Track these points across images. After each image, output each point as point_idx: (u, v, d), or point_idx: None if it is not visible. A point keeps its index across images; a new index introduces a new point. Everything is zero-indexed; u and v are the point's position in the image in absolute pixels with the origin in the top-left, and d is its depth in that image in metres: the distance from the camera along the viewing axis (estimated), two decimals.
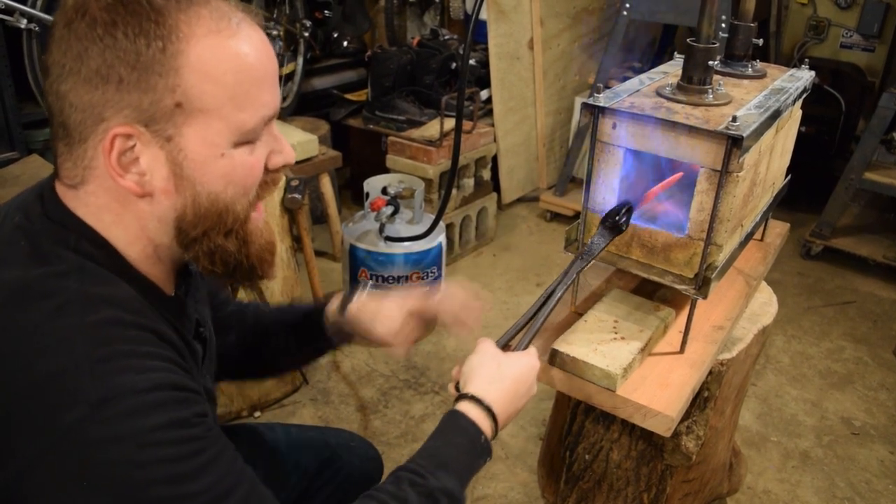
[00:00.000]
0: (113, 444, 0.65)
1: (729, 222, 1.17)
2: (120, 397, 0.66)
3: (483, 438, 0.94)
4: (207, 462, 0.70)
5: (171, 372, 0.72)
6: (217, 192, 0.77)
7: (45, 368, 0.66)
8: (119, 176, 0.73)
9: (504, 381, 0.99)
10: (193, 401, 0.72)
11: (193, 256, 0.81)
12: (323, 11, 3.79)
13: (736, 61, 1.45)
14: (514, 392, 0.99)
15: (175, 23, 0.71)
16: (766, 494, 2.05)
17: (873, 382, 2.57)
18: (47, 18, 2.28)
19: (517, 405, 1.00)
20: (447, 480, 0.87)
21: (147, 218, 0.77)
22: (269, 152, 0.81)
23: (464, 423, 0.94)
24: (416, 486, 0.85)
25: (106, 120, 0.72)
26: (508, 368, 1.00)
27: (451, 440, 0.92)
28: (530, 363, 1.03)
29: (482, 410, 0.95)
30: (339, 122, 3.63)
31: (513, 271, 3.24)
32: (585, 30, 3.91)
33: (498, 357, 1.01)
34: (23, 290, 0.70)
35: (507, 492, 2.01)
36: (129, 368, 0.68)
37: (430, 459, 0.89)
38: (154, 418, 0.67)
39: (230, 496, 0.71)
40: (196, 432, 0.70)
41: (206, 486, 0.69)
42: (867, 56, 3.93)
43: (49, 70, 0.73)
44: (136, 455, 0.65)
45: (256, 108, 0.76)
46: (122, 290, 0.74)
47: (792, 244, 3.45)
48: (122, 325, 0.71)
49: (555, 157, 3.97)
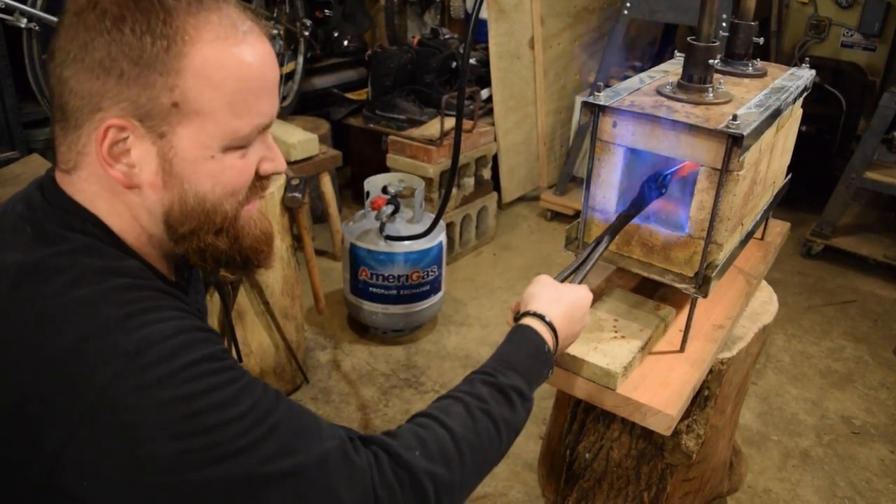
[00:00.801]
0: (155, 386, 0.67)
1: (729, 221, 1.17)
2: (152, 345, 0.69)
3: (547, 348, 1.01)
4: (244, 386, 0.73)
5: (190, 318, 0.75)
6: (205, 192, 0.78)
7: (71, 336, 0.68)
8: (108, 165, 0.75)
9: (563, 303, 1.06)
10: (216, 340, 0.76)
11: (184, 252, 0.82)
12: (323, 10, 3.79)
13: (736, 60, 1.45)
14: (570, 315, 1.06)
15: (182, 25, 0.72)
16: (766, 493, 2.05)
17: (874, 381, 2.57)
18: (47, 18, 2.28)
19: (574, 329, 1.08)
20: (517, 379, 0.94)
21: (137, 208, 0.78)
22: (261, 159, 0.82)
23: (529, 334, 1.01)
24: (488, 385, 0.92)
25: (103, 110, 0.73)
26: (566, 294, 1.08)
27: (518, 346, 0.99)
28: (584, 293, 1.11)
29: (544, 325, 1.02)
30: (340, 121, 3.63)
31: (513, 270, 3.23)
32: (586, 29, 3.91)
33: (556, 284, 1.09)
34: (33, 269, 0.72)
35: (507, 490, 2.01)
36: (153, 321, 0.71)
37: (499, 362, 0.96)
38: (187, 356, 0.70)
39: (275, 409, 0.74)
40: (227, 363, 0.74)
41: (250, 406, 0.72)
42: (868, 55, 3.93)
43: (54, 54, 0.74)
44: (180, 390, 0.68)
45: (253, 116, 0.77)
46: (130, 262, 0.77)
47: (792, 243, 3.45)
48: (136, 288, 0.74)
49: (555, 157, 3.97)
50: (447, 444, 0.85)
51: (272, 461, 0.71)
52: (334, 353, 2.61)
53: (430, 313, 2.70)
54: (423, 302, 2.62)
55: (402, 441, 0.83)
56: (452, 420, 0.87)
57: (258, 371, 2.21)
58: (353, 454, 0.78)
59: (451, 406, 0.88)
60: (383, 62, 3.44)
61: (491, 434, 0.89)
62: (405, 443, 0.83)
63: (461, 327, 2.79)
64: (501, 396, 0.92)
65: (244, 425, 0.70)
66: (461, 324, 2.81)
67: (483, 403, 0.89)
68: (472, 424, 0.88)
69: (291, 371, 2.35)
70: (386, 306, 2.58)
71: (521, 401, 0.94)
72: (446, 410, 0.88)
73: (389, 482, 0.79)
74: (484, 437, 0.88)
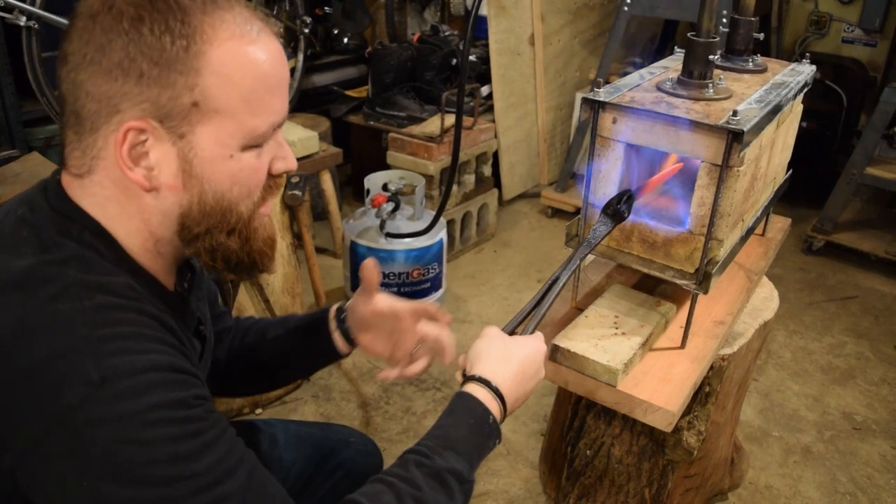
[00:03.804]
0: (113, 422, 0.66)
1: (730, 217, 1.17)
2: (119, 377, 0.67)
3: (492, 419, 0.94)
4: (208, 443, 0.70)
5: (170, 355, 0.72)
6: (223, 192, 0.78)
7: (44, 351, 0.67)
8: (128, 168, 0.74)
9: (511, 362, 0.98)
10: (192, 383, 0.73)
11: (195, 252, 0.82)
12: (323, 8, 3.78)
13: (737, 56, 1.45)
14: (521, 374, 0.99)
15: (200, 24, 0.72)
16: (767, 489, 2.05)
17: (875, 377, 2.57)
18: (47, 16, 2.27)
19: (526, 388, 1.00)
20: (455, 461, 0.87)
21: (151, 212, 0.78)
22: (273, 158, 0.82)
23: (472, 405, 0.94)
24: (423, 467, 0.86)
25: (121, 112, 0.73)
26: (516, 351, 1.00)
27: (458, 421, 0.92)
28: (537, 346, 1.03)
29: (490, 392, 0.95)
30: (340, 118, 3.63)
31: (514, 267, 3.23)
32: (586, 25, 3.90)
33: (504, 340, 1.02)
34: (23, 277, 0.71)
35: (508, 487, 2.01)
36: (127, 350, 0.69)
37: (437, 440, 0.89)
38: (153, 398, 0.67)
39: (232, 476, 0.72)
40: (196, 413, 0.71)
41: (208, 467, 0.69)
42: (869, 51, 3.92)
43: (67, 59, 0.74)
44: (137, 434, 0.66)
45: (268, 114, 0.78)
46: (121, 279, 0.75)
47: (793, 239, 3.45)
48: (120, 308, 0.72)
49: (556, 154, 3.97)
50: None
51: None
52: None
53: None
54: (423, 299, 2.62)
55: None
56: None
57: None
58: None
59: (383, 495, 0.82)
60: (383, 59, 3.43)
61: None
62: None
63: (462, 324, 2.79)
64: (436, 482, 0.85)
65: (196, 485, 0.69)
66: (462, 321, 2.81)
67: (416, 491, 0.83)
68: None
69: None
70: None
71: (459, 484, 0.87)
72: (377, 498, 0.82)
73: None
74: None
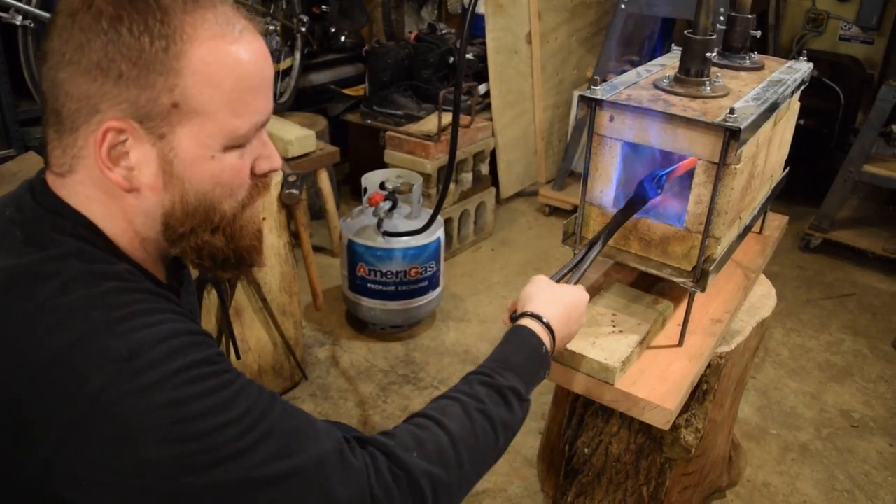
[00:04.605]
0: (149, 390, 0.67)
1: (727, 215, 1.17)
2: (145, 349, 0.68)
3: (544, 349, 1.01)
4: (239, 390, 0.72)
5: (183, 321, 0.74)
6: (205, 192, 0.78)
7: (62, 341, 0.67)
8: (107, 168, 0.74)
9: (560, 304, 1.06)
10: (210, 343, 0.75)
11: (181, 251, 0.82)
12: (320, 6, 3.77)
13: (734, 53, 1.45)
14: (568, 316, 1.07)
15: (180, 24, 0.72)
16: (765, 487, 2.05)
17: (872, 375, 2.57)
18: (43, 15, 2.27)
19: (571, 329, 1.08)
20: (514, 380, 0.94)
21: (133, 212, 0.78)
22: (257, 157, 0.82)
23: (526, 334, 1.01)
24: (486, 385, 0.92)
25: (101, 112, 0.72)
26: (563, 294, 1.08)
27: (515, 348, 1.00)
28: (581, 294, 1.11)
29: (542, 325, 1.03)
30: (337, 117, 3.63)
31: (512, 266, 3.23)
32: (583, 23, 3.90)
33: (552, 285, 1.10)
34: (24, 274, 0.71)
35: (506, 486, 2.01)
36: (144, 324, 0.70)
37: (497, 363, 0.96)
38: (181, 360, 0.69)
39: (270, 412, 0.74)
40: (222, 367, 0.73)
41: (245, 410, 0.71)
42: (866, 48, 3.92)
43: (47, 57, 0.73)
44: (173, 395, 0.67)
45: (251, 114, 0.77)
46: (121, 266, 0.76)
47: (791, 237, 3.45)
48: (128, 291, 0.73)
49: (553, 152, 3.96)
50: (445, 445, 0.84)
51: (268, 464, 0.71)
52: (333, 349, 2.61)
53: (428, 309, 2.70)
54: (421, 298, 2.62)
55: (399, 441, 0.83)
56: (450, 420, 0.87)
57: (256, 368, 2.21)
58: (350, 455, 0.78)
59: (449, 406, 0.88)
60: (381, 58, 3.43)
61: (488, 435, 0.89)
62: (402, 443, 0.83)
63: (460, 323, 2.79)
64: (499, 397, 0.91)
65: (239, 429, 0.70)
66: (460, 319, 2.81)
67: (480, 404, 0.89)
68: (469, 425, 0.87)
69: (290, 368, 2.35)
70: (384, 302, 2.58)
71: (519, 402, 0.94)
72: (444, 411, 0.88)
73: (387, 483, 0.79)
74: (481, 438, 0.88)
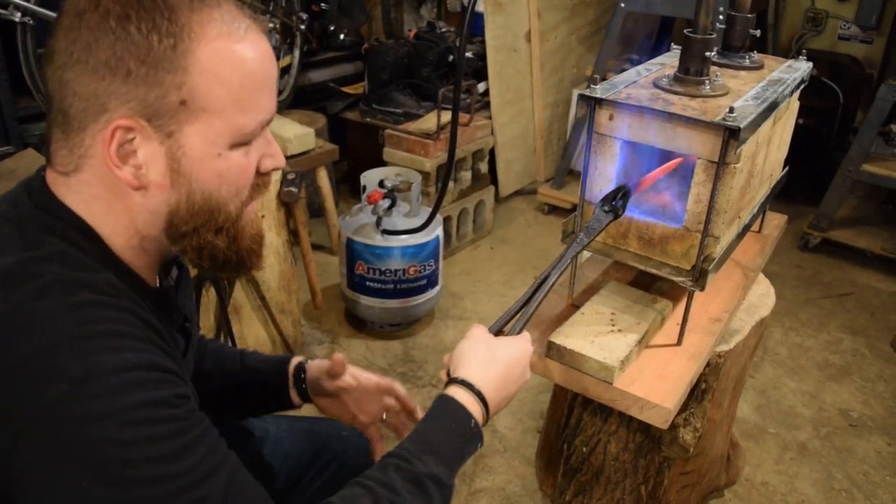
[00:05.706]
0: (94, 421, 0.65)
1: (726, 214, 1.17)
2: (100, 375, 0.66)
3: (473, 423, 0.93)
4: (189, 443, 0.70)
5: (151, 353, 0.72)
6: (211, 191, 0.78)
7: (27, 347, 0.66)
8: (116, 167, 0.74)
9: (495, 364, 0.98)
10: (174, 382, 0.72)
11: (181, 250, 0.82)
12: (319, 4, 3.77)
13: (733, 52, 1.45)
14: (505, 376, 0.98)
15: (188, 22, 0.72)
16: (763, 486, 2.05)
17: (871, 374, 2.57)
18: (42, 12, 2.26)
19: (510, 390, 1.00)
20: (434, 465, 0.87)
21: (138, 210, 0.78)
22: (262, 155, 0.82)
23: (453, 408, 0.93)
24: (402, 472, 0.85)
25: (109, 111, 0.72)
26: (500, 352, 0.99)
27: (439, 425, 0.92)
28: (523, 347, 1.02)
29: (472, 395, 0.94)
30: (337, 115, 3.62)
31: (510, 264, 3.23)
32: (582, 22, 3.89)
33: (489, 341, 1.01)
34: (5, 274, 0.71)
35: (504, 484, 2.01)
36: (109, 347, 0.68)
37: (417, 444, 0.89)
38: (136, 396, 0.67)
39: (212, 478, 0.71)
40: (177, 413, 0.70)
41: (188, 467, 0.69)
42: (865, 48, 3.92)
43: (53, 57, 0.73)
44: (117, 433, 0.65)
45: (256, 112, 0.78)
46: (104, 276, 0.75)
47: (790, 236, 3.45)
48: (102, 306, 0.71)
49: (552, 150, 3.96)
50: None
51: None
52: (331, 347, 2.61)
53: (427, 307, 2.70)
54: (420, 296, 2.62)
55: None
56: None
57: None
58: None
59: (361, 498, 0.81)
60: (380, 56, 3.42)
61: None
62: None
63: (459, 321, 2.79)
64: (415, 487, 0.84)
65: (176, 486, 0.68)
66: (459, 318, 2.81)
67: (395, 496, 0.82)
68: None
69: None
70: (383, 301, 2.58)
71: (438, 489, 0.86)
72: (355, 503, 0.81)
73: None
74: None
